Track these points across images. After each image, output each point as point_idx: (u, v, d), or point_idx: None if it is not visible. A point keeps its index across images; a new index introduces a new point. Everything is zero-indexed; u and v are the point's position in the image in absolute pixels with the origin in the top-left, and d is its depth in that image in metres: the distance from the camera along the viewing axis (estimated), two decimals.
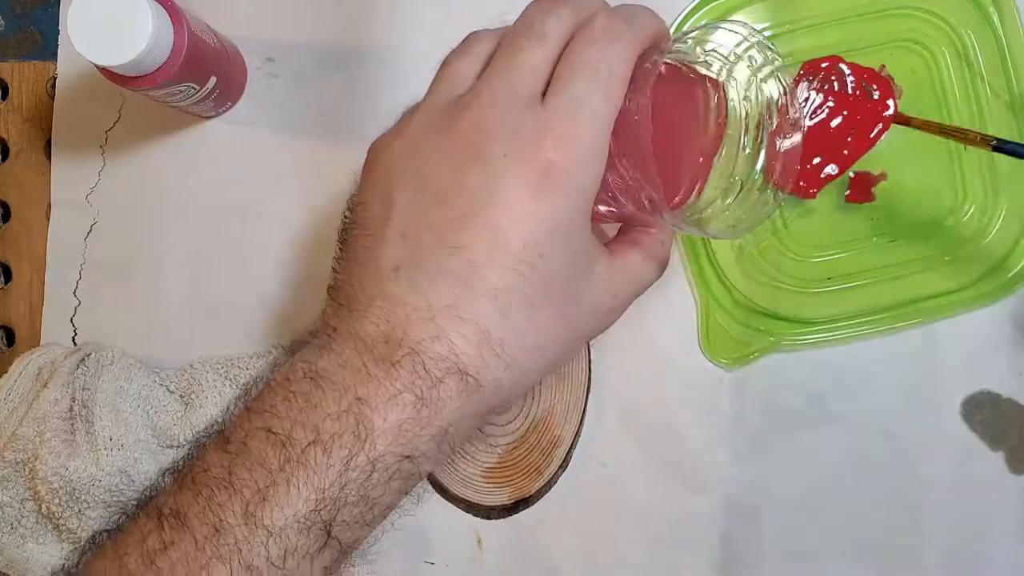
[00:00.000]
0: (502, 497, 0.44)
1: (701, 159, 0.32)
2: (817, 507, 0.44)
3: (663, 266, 0.34)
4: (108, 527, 0.30)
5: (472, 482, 0.45)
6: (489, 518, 0.45)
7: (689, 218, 0.32)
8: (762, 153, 0.32)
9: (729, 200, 0.32)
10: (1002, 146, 0.30)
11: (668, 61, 0.32)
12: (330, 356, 0.29)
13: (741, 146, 0.32)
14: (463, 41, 0.33)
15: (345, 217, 0.33)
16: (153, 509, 0.28)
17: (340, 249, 0.32)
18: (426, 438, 0.28)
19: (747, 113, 0.32)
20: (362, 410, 0.28)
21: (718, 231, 0.33)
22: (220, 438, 0.29)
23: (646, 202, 0.31)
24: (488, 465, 0.45)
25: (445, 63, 0.33)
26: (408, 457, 0.28)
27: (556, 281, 0.30)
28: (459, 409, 0.29)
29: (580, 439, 0.45)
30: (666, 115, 0.31)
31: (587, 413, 0.45)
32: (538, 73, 0.30)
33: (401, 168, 0.31)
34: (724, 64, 0.32)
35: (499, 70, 0.30)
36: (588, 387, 0.45)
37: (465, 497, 0.45)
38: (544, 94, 0.30)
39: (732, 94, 0.32)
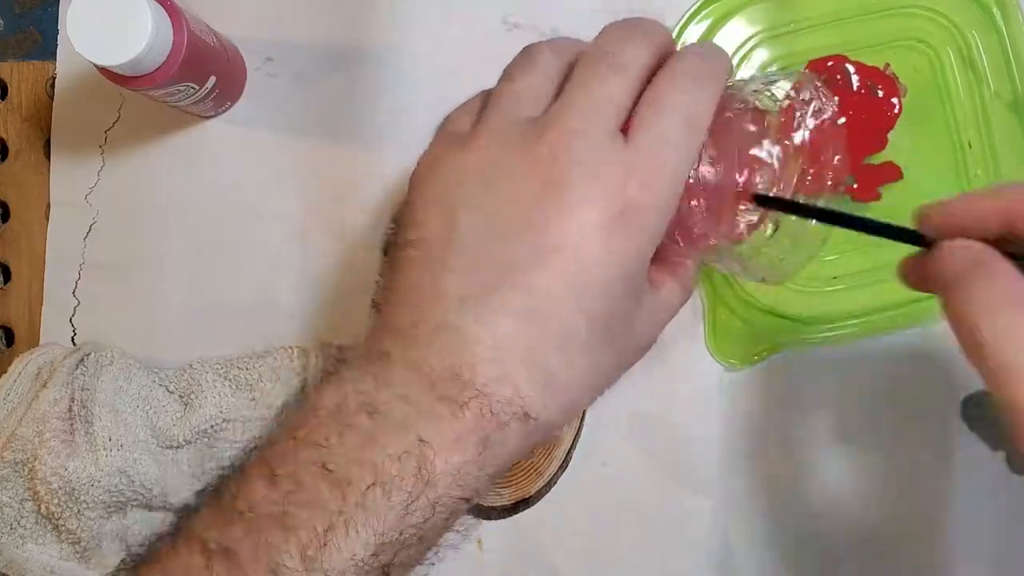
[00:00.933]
0: (502, 498, 0.44)
1: (740, 193, 0.32)
2: (817, 507, 0.44)
3: (690, 293, 0.34)
4: (139, 550, 0.29)
5: None
6: (489, 518, 0.45)
7: (736, 254, 0.32)
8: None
9: (768, 233, 0.32)
10: (761, 201, 0.31)
11: (738, 110, 0.31)
12: (389, 389, 0.28)
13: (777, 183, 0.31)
14: (523, 55, 0.32)
15: (391, 228, 0.31)
16: (196, 540, 0.27)
17: (388, 264, 0.31)
18: (484, 478, 0.28)
19: (778, 151, 0.31)
20: (424, 452, 0.27)
21: (760, 269, 0.32)
22: (264, 467, 0.28)
23: (698, 236, 0.31)
24: None
25: (507, 78, 0.31)
26: (466, 499, 0.28)
27: (617, 320, 0.29)
28: (518, 449, 0.29)
29: (580, 439, 0.44)
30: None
31: (587, 413, 0.45)
32: (620, 106, 0.29)
33: (468, 188, 0.29)
34: (773, 102, 0.32)
35: (579, 97, 0.29)
36: None
37: None
38: (624, 129, 0.29)
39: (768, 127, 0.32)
